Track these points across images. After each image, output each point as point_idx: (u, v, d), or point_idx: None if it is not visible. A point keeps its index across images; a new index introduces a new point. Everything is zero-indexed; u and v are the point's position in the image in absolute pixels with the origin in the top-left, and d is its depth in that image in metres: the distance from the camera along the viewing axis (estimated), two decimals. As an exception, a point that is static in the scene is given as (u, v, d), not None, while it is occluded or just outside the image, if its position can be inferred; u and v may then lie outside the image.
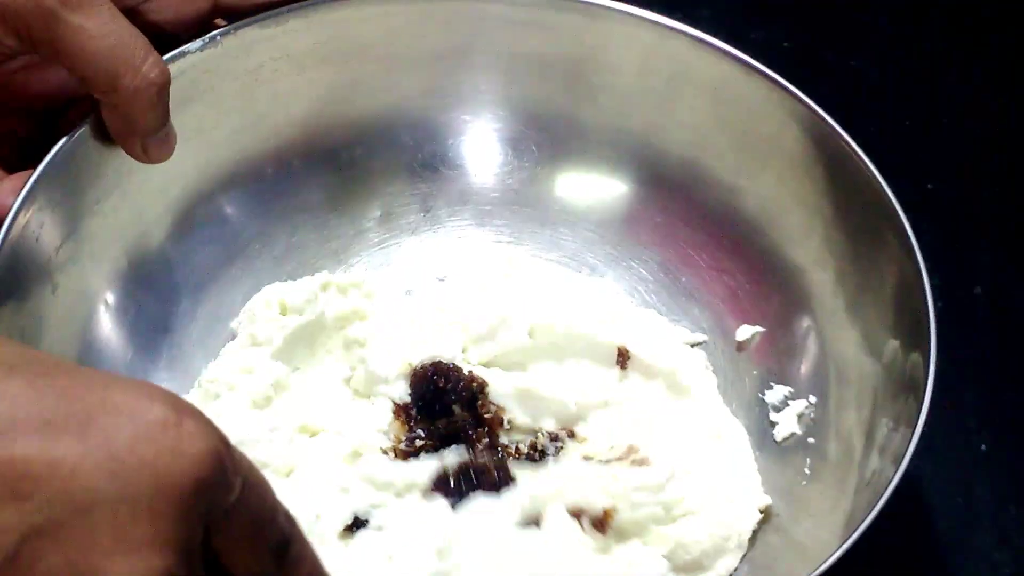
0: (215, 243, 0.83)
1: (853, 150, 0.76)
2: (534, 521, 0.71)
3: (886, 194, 0.74)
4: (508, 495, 0.71)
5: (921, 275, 0.71)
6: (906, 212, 0.73)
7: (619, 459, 0.73)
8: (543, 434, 0.76)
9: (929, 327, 0.69)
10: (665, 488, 0.72)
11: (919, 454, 0.79)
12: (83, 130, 0.74)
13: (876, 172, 0.75)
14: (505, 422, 0.76)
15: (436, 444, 0.74)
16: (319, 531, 0.70)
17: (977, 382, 0.84)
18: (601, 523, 0.71)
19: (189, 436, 0.42)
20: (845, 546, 0.63)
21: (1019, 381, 0.84)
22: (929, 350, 0.69)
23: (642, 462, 0.72)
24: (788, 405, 0.78)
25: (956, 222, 0.92)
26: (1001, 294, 0.88)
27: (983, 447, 0.81)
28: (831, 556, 0.63)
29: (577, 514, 0.71)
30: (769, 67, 0.79)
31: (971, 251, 0.90)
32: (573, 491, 0.71)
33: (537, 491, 0.71)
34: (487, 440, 0.74)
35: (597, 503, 0.71)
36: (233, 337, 0.81)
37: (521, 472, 0.73)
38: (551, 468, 0.73)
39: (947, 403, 0.82)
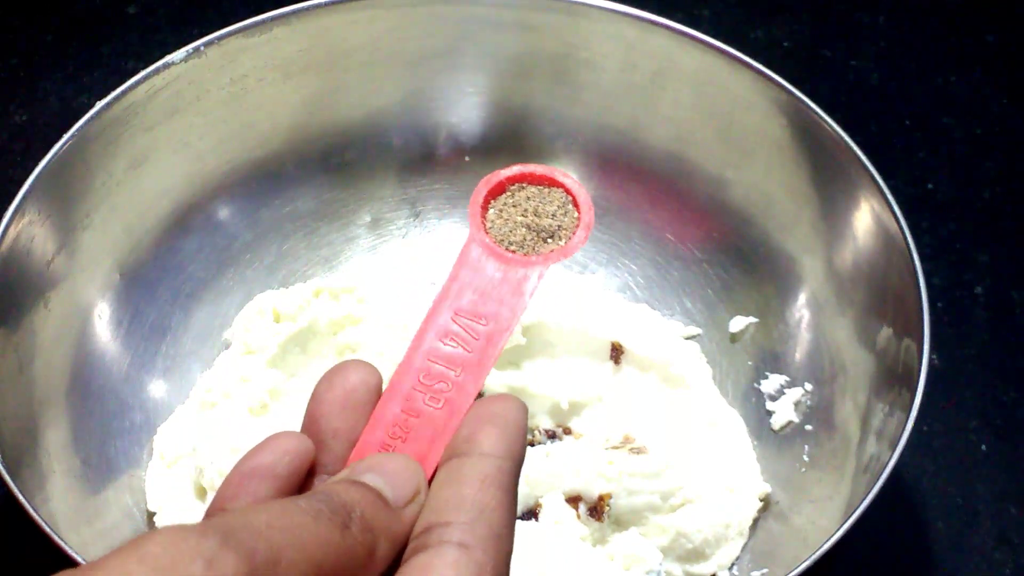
0: (206, 253, 0.83)
1: (837, 135, 0.76)
2: (532, 513, 0.71)
3: (873, 177, 0.74)
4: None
5: (912, 259, 0.71)
6: (906, 212, 0.73)
7: (615, 448, 0.73)
8: (539, 431, 0.76)
9: (922, 312, 0.69)
10: (662, 475, 0.72)
11: (919, 453, 0.80)
12: (70, 144, 0.74)
13: (862, 155, 0.75)
14: (501, 421, 0.76)
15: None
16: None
17: (977, 382, 0.84)
18: (597, 509, 0.71)
19: None
20: (844, 527, 0.63)
21: (1019, 381, 0.84)
22: (922, 335, 0.69)
23: (639, 451, 0.73)
24: (784, 394, 0.79)
25: (956, 222, 0.92)
26: (1001, 294, 0.88)
27: (983, 447, 0.81)
28: (830, 538, 0.63)
29: (574, 501, 0.71)
30: (769, 66, 0.79)
31: (971, 251, 0.90)
32: (570, 478, 0.71)
33: (534, 477, 0.72)
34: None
35: (593, 489, 0.71)
36: (227, 347, 0.81)
37: None
38: (548, 456, 0.73)
39: (947, 403, 0.82)
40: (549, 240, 0.48)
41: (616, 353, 0.79)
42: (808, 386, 0.78)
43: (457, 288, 0.45)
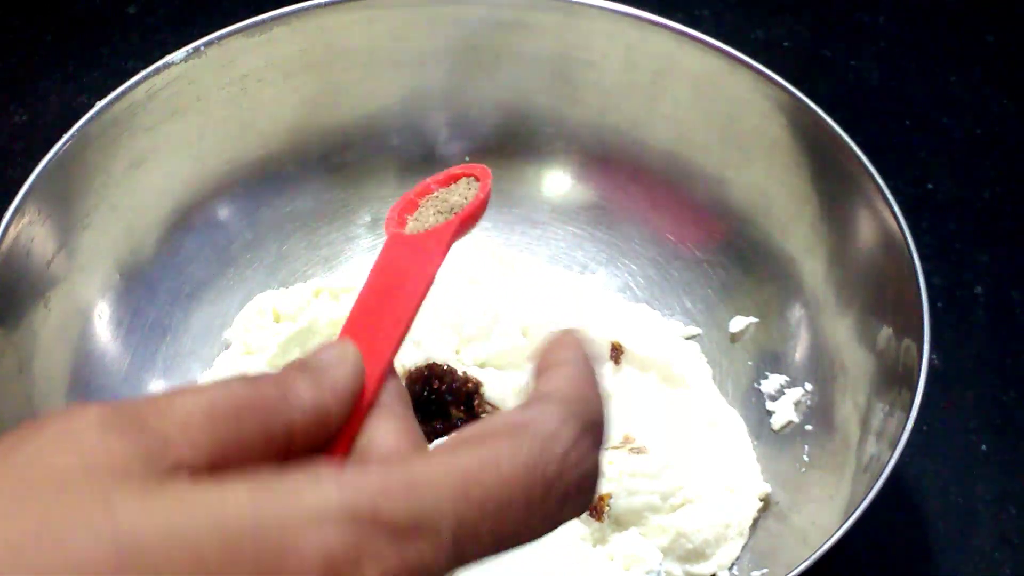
0: (206, 253, 0.83)
1: (837, 135, 0.76)
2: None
3: (873, 177, 0.74)
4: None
5: (912, 259, 0.71)
6: (906, 212, 0.73)
7: (615, 448, 0.73)
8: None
9: (922, 312, 0.69)
10: (661, 475, 0.72)
11: (919, 453, 0.80)
12: (70, 144, 0.74)
13: (862, 155, 0.75)
14: (502, 421, 0.76)
15: (431, 441, 0.74)
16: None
17: (977, 382, 0.84)
18: (597, 509, 0.71)
19: None
20: (844, 527, 0.63)
21: (1019, 381, 0.84)
22: (922, 335, 0.69)
23: (639, 451, 0.72)
24: (784, 394, 0.78)
25: (956, 222, 0.92)
26: (1001, 294, 0.88)
27: (983, 447, 0.81)
28: (830, 538, 0.63)
29: (574, 501, 0.71)
30: (769, 66, 0.79)
31: (971, 251, 0.90)
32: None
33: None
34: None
35: (593, 489, 0.71)
36: (227, 347, 0.81)
37: None
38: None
39: (947, 403, 0.82)
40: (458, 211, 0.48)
41: (616, 353, 0.79)
42: (808, 386, 0.78)
43: (378, 272, 0.45)
